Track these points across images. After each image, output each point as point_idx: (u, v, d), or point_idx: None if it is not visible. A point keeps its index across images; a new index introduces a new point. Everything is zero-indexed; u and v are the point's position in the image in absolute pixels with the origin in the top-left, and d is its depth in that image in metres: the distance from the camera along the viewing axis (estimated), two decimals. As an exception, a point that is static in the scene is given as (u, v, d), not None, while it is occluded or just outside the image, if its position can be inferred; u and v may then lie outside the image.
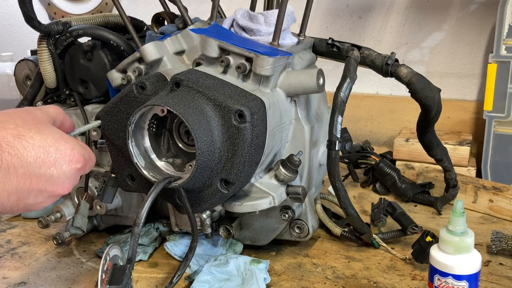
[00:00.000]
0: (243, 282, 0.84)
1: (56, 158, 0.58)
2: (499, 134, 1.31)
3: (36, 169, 0.57)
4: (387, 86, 1.65)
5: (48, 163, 0.57)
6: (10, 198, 0.56)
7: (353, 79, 0.90)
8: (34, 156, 0.56)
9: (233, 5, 1.36)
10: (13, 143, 0.55)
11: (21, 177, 0.56)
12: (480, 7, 1.50)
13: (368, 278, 0.89)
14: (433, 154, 1.06)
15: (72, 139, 0.62)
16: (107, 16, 1.05)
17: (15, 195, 0.56)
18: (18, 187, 0.56)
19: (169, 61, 0.89)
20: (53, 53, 0.98)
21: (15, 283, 0.90)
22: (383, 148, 1.61)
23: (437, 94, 0.96)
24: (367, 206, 1.19)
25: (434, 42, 1.58)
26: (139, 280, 0.90)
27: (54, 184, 0.59)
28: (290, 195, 0.86)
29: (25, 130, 0.57)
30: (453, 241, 0.70)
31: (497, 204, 1.13)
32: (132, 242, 0.73)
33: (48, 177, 0.58)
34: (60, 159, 0.58)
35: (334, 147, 0.88)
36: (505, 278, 0.88)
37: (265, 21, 0.91)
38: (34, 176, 0.57)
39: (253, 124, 0.76)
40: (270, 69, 0.81)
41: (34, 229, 1.10)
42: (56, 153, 0.58)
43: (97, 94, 0.99)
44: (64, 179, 0.59)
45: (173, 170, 0.81)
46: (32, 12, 0.92)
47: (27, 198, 0.58)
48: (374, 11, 1.64)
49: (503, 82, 1.28)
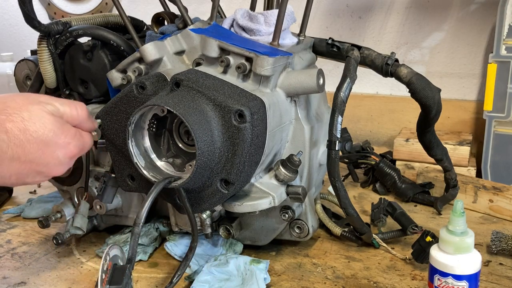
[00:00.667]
0: (243, 282, 0.84)
1: (54, 150, 0.67)
2: (499, 134, 1.31)
3: (36, 158, 0.66)
4: (387, 86, 1.65)
5: (46, 153, 0.67)
6: (11, 178, 0.66)
7: (353, 79, 0.90)
8: (35, 148, 0.65)
9: (233, 5, 1.36)
10: (19, 136, 0.64)
11: (23, 163, 0.65)
12: (480, 7, 1.50)
13: (368, 278, 0.89)
14: (433, 154, 1.06)
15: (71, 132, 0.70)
16: (107, 16, 1.05)
17: (16, 176, 0.66)
18: (19, 170, 0.66)
19: (169, 61, 0.89)
20: (53, 53, 0.98)
21: (15, 283, 0.90)
22: (383, 148, 1.61)
23: (437, 94, 0.96)
24: (367, 206, 1.19)
25: (434, 42, 1.58)
26: (139, 280, 0.90)
27: (50, 168, 0.69)
28: (290, 195, 0.86)
29: (30, 123, 0.65)
30: (453, 241, 0.70)
31: (497, 204, 1.13)
32: (132, 242, 0.73)
33: (45, 163, 0.67)
34: (57, 151, 0.68)
35: (334, 147, 0.88)
36: (505, 278, 0.88)
37: (265, 21, 0.91)
38: (34, 163, 0.66)
39: (253, 124, 0.76)
40: (270, 69, 0.81)
41: (34, 229, 1.10)
42: (54, 146, 0.67)
43: (97, 94, 0.99)
44: (59, 165, 0.69)
45: (173, 170, 0.81)
46: (32, 12, 0.92)
47: (26, 178, 0.68)
48: (374, 11, 1.64)
49: (503, 82, 1.28)
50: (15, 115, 0.64)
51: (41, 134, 0.65)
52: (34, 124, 0.65)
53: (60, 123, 0.68)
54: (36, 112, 0.66)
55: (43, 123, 0.66)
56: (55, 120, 0.68)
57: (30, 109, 0.66)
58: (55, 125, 0.67)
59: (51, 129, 0.66)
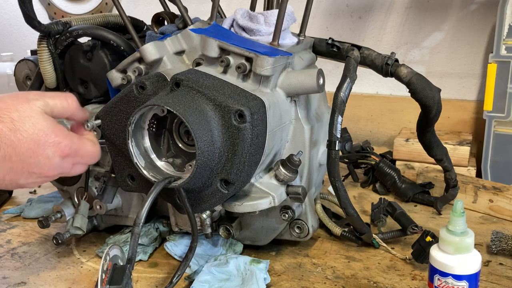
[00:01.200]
0: (243, 282, 0.84)
1: (44, 149, 0.67)
2: (499, 134, 1.31)
3: (27, 157, 0.66)
4: (387, 86, 1.65)
5: (37, 153, 0.66)
6: (5, 178, 0.66)
7: (353, 79, 0.90)
8: (26, 147, 0.65)
9: (233, 5, 1.36)
10: (9, 136, 0.64)
11: (14, 163, 0.65)
12: (480, 7, 1.50)
13: (368, 278, 0.89)
14: (433, 154, 1.06)
15: (62, 132, 0.69)
16: (107, 16, 1.05)
17: (9, 176, 0.66)
18: (12, 170, 0.66)
19: (169, 61, 0.89)
20: (53, 53, 0.98)
21: (15, 283, 0.90)
22: (383, 148, 1.61)
23: (437, 94, 0.96)
24: (367, 206, 1.19)
25: (434, 42, 1.58)
26: (139, 280, 0.90)
27: (42, 169, 0.68)
28: (290, 195, 0.86)
29: (20, 123, 0.65)
30: (453, 241, 0.70)
31: (497, 204, 1.13)
32: (132, 242, 0.73)
33: (37, 163, 0.67)
34: (48, 150, 0.67)
35: (334, 147, 0.88)
36: (505, 278, 0.88)
37: (265, 21, 0.91)
38: (25, 162, 0.66)
39: (253, 124, 0.76)
40: (270, 69, 0.81)
41: (34, 229, 1.10)
42: (45, 145, 0.67)
43: (97, 94, 0.99)
44: (50, 165, 0.69)
45: (173, 170, 0.81)
46: (32, 12, 0.92)
47: (19, 179, 0.67)
48: (374, 11, 1.64)
49: (503, 82, 1.28)
50: (4, 116, 0.64)
51: (31, 133, 0.65)
52: (24, 124, 0.65)
53: (51, 122, 0.68)
54: (25, 112, 0.66)
55: (33, 123, 0.66)
56: (45, 119, 0.68)
57: (19, 109, 0.66)
58: (45, 124, 0.67)
59: (41, 129, 0.66)
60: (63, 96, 0.72)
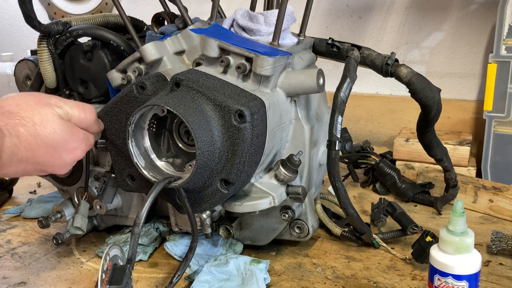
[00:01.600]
0: (243, 282, 0.84)
1: (61, 154, 0.71)
2: (499, 134, 1.31)
3: (44, 161, 0.70)
4: (387, 86, 1.65)
5: (54, 157, 0.70)
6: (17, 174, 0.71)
7: (353, 79, 0.90)
8: (44, 152, 0.69)
9: (233, 5, 1.36)
10: (30, 140, 0.67)
11: (30, 164, 0.68)
12: (480, 7, 1.50)
13: (368, 278, 0.89)
14: (433, 154, 1.06)
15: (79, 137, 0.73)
16: (107, 16, 1.05)
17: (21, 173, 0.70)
18: (26, 170, 0.69)
19: (169, 61, 0.89)
20: (53, 53, 0.98)
21: (15, 283, 0.90)
22: (383, 148, 1.61)
23: (437, 94, 0.96)
24: (367, 206, 1.19)
25: (434, 42, 1.58)
26: (139, 280, 0.90)
27: (54, 169, 0.72)
28: (290, 195, 0.86)
29: (41, 128, 0.68)
30: (453, 241, 0.70)
31: (497, 204, 1.13)
32: (132, 242, 0.73)
33: (51, 165, 0.71)
34: (64, 156, 0.72)
35: (334, 147, 0.88)
36: (505, 278, 0.88)
37: (265, 21, 0.91)
38: (40, 164, 0.70)
39: (253, 124, 0.76)
40: (270, 69, 0.81)
41: (34, 229, 1.10)
42: (62, 150, 0.71)
43: (97, 94, 0.99)
44: (63, 167, 0.73)
45: (173, 170, 0.81)
46: (32, 12, 0.92)
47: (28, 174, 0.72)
48: (374, 11, 1.64)
49: (503, 82, 1.28)
50: (27, 119, 0.67)
51: (51, 139, 0.68)
52: (45, 129, 0.68)
53: (69, 128, 0.72)
54: (47, 116, 0.69)
55: (54, 128, 0.69)
56: (64, 125, 0.71)
57: (42, 113, 0.69)
58: (65, 130, 0.70)
59: (60, 134, 0.70)
60: (82, 108, 0.75)
